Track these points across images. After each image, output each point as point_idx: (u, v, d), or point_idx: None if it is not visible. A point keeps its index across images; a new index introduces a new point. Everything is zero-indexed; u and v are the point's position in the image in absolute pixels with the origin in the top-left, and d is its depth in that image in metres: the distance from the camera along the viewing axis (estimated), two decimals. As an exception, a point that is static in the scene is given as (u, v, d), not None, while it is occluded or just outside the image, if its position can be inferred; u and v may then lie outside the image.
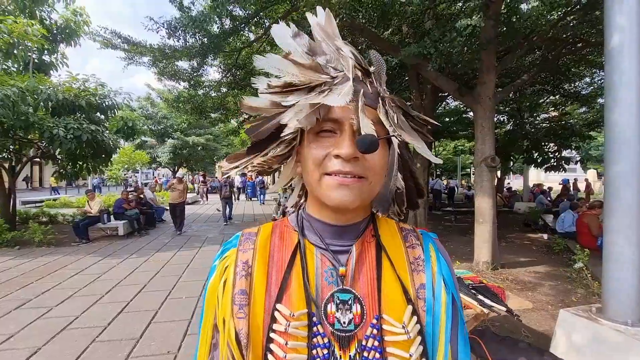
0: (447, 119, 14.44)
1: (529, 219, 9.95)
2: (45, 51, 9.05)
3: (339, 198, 0.49)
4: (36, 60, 8.81)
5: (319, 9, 0.56)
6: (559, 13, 5.26)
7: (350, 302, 0.52)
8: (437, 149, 23.33)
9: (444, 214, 12.40)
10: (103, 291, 4.34)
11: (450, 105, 13.59)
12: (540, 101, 11.75)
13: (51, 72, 9.36)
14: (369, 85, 0.53)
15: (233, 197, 12.02)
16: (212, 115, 11.82)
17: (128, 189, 10.34)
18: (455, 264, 4.65)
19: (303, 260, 0.55)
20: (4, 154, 7.80)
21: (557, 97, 10.89)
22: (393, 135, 0.52)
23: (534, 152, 12.20)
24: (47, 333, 3.20)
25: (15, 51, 7.57)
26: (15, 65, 8.63)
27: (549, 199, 12.38)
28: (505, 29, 4.83)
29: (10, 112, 5.61)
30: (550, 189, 15.86)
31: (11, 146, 7.74)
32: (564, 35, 5.69)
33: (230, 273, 0.56)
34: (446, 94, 9.72)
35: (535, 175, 24.47)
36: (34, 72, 7.77)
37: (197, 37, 5.92)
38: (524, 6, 4.56)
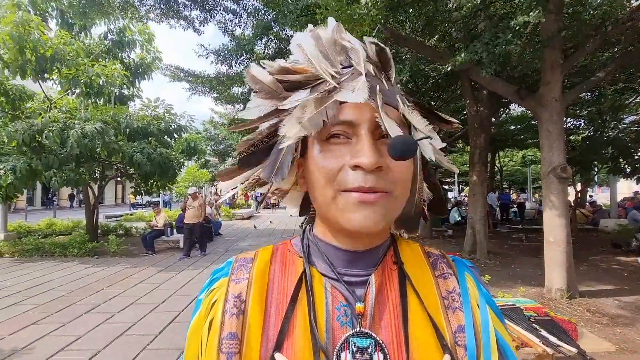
0: (512, 127, 13.26)
1: (619, 238, 8.48)
2: (126, 86, 10.47)
3: (361, 220, 0.39)
4: (117, 94, 10.19)
5: (329, 19, 0.48)
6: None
7: (370, 350, 0.40)
8: (502, 159, 21.41)
9: (510, 232, 11.18)
10: (159, 300, 4.65)
11: (516, 111, 12.52)
12: (626, 102, 10.15)
13: (130, 103, 10.79)
14: (384, 82, 0.44)
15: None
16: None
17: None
18: (520, 290, 4.07)
19: (309, 294, 0.44)
20: (91, 175, 9.03)
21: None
22: (428, 137, 0.43)
23: (621, 160, 10.49)
24: (107, 337, 3.49)
25: (103, 90, 8.91)
26: (102, 100, 10.14)
27: (645, 214, 10.43)
28: (569, 21, 4.27)
29: (99, 143, 6.55)
30: (647, 203, 13.41)
31: (97, 169, 8.97)
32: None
33: (218, 310, 0.45)
34: (509, 100, 8.93)
35: (626, 187, 20.97)
36: (115, 104, 9.01)
37: (244, 61, 6.31)
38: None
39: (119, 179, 13.39)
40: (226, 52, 6.02)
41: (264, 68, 0.46)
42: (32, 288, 5.17)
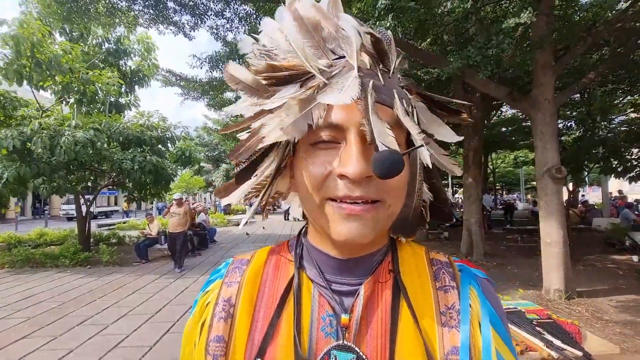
0: (503, 129, 13.41)
1: (613, 237, 8.57)
2: (121, 94, 10.35)
3: (348, 232, 0.37)
4: (113, 101, 10.07)
5: None
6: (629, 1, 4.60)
7: None
8: (495, 161, 21.61)
9: (505, 233, 11.25)
10: (154, 310, 4.55)
11: (507, 114, 12.67)
12: (615, 102, 10.35)
13: (125, 111, 10.66)
14: (381, 76, 0.39)
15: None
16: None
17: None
18: (519, 292, 4.06)
19: (296, 300, 0.42)
20: (82, 184, 8.87)
21: (635, 96, 9.50)
22: (421, 146, 0.38)
23: (612, 159, 10.66)
24: (101, 350, 3.39)
25: (97, 97, 8.80)
26: (95, 108, 10.02)
27: (636, 212, 10.60)
28: (560, 23, 4.32)
29: (90, 150, 6.45)
30: (637, 201, 13.63)
31: (91, 177, 8.83)
32: (639, 24, 4.94)
33: (209, 313, 0.45)
34: (500, 102, 9.03)
35: (616, 186, 21.30)
36: (110, 113, 8.91)
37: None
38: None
39: (111, 187, 13.26)
40: (218, 57, 5.99)
41: (248, 66, 0.43)
42: (23, 300, 5.03)
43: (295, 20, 0.39)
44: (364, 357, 0.38)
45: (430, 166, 0.40)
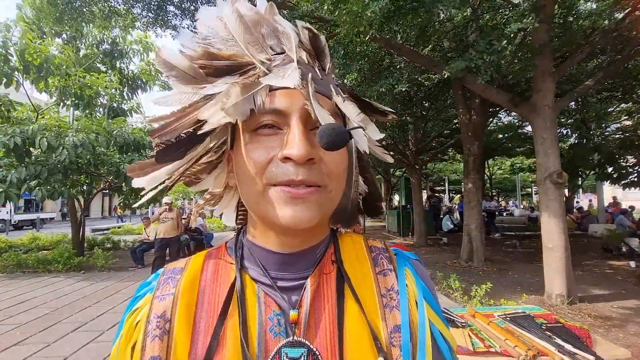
0: (500, 136, 13.54)
1: (609, 243, 8.60)
2: (123, 100, 10.26)
3: (292, 216, 0.37)
4: (115, 106, 9.97)
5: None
6: (625, 10, 4.69)
7: (302, 359, 0.38)
8: (491, 167, 21.76)
9: (505, 239, 11.28)
10: (150, 316, 4.45)
11: (504, 121, 12.80)
12: (609, 109, 10.51)
13: (127, 118, 10.55)
14: (317, 71, 0.41)
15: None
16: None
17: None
18: (522, 297, 4.03)
19: (240, 304, 0.41)
20: (77, 188, 8.74)
21: (630, 104, 9.65)
22: (360, 127, 0.41)
23: (607, 166, 10.80)
24: (95, 357, 3.29)
25: (94, 101, 8.73)
26: (93, 112, 9.93)
27: (630, 218, 10.69)
28: (560, 31, 4.38)
29: (90, 153, 6.38)
30: (632, 207, 13.74)
31: (87, 180, 8.70)
32: (634, 33, 5.02)
33: (140, 333, 0.41)
34: (497, 109, 9.12)
35: (610, 193, 21.54)
36: (110, 116, 8.84)
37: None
38: (582, 3, 4.12)
39: (106, 191, 13.09)
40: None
41: (182, 52, 0.41)
42: (15, 306, 4.89)
43: (235, 14, 0.41)
44: (315, 350, 0.39)
45: (367, 151, 0.42)
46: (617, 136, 11.06)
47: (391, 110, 0.48)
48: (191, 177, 0.49)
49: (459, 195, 22.65)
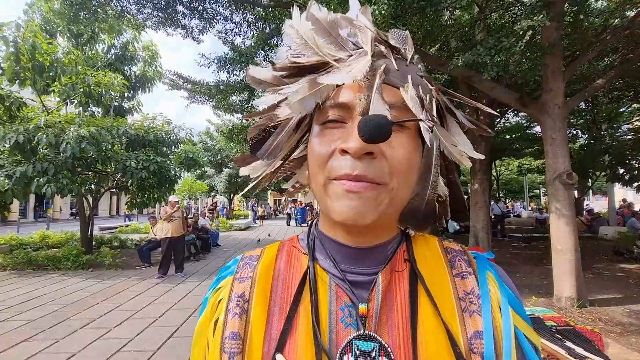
0: (507, 136, 13.39)
1: (621, 246, 8.44)
2: (125, 99, 10.42)
3: (346, 211, 0.37)
4: (116, 105, 10.11)
5: (352, 2, 0.46)
6: (638, 8, 4.60)
7: (374, 353, 0.38)
8: (499, 168, 21.51)
9: (511, 240, 11.15)
10: (157, 314, 4.47)
11: (511, 121, 12.65)
12: (621, 110, 10.31)
13: (129, 116, 10.70)
14: (395, 62, 0.40)
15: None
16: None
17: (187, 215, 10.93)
18: (531, 299, 3.97)
19: (312, 292, 0.42)
20: (85, 187, 8.86)
21: (642, 104, 9.47)
22: (420, 120, 0.37)
23: (618, 167, 10.59)
24: (103, 354, 3.32)
25: (102, 98, 8.86)
26: (100, 110, 10.08)
27: (644, 221, 10.46)
28: (570, 29, 4.31)
29: (95, 148, 6.44)
30: (644, 210, 13.48)
31: (95, 180, 8.81)
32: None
33: (222, 310, 0.44)
34: (505, 109, 9.00)
35: (621, 195, 21.13)
36: (115, 115, 8.95)
37: (245, 70, 6.33)
38: (592, 2, 4.04)
39: (113, 190, 13.26)
40: (226, 60, 6.02)
41: (269, 65, 0.45)
42: (24, 303, 4.96)
43: (310, 20, 0.41)
44: (386, 346, 0.38)
45: (430, 145, 0.39)
46: (628, 137, 10.83)
47: (485, 127, 0.48)
48: (287, 172, 0.53)
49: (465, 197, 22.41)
